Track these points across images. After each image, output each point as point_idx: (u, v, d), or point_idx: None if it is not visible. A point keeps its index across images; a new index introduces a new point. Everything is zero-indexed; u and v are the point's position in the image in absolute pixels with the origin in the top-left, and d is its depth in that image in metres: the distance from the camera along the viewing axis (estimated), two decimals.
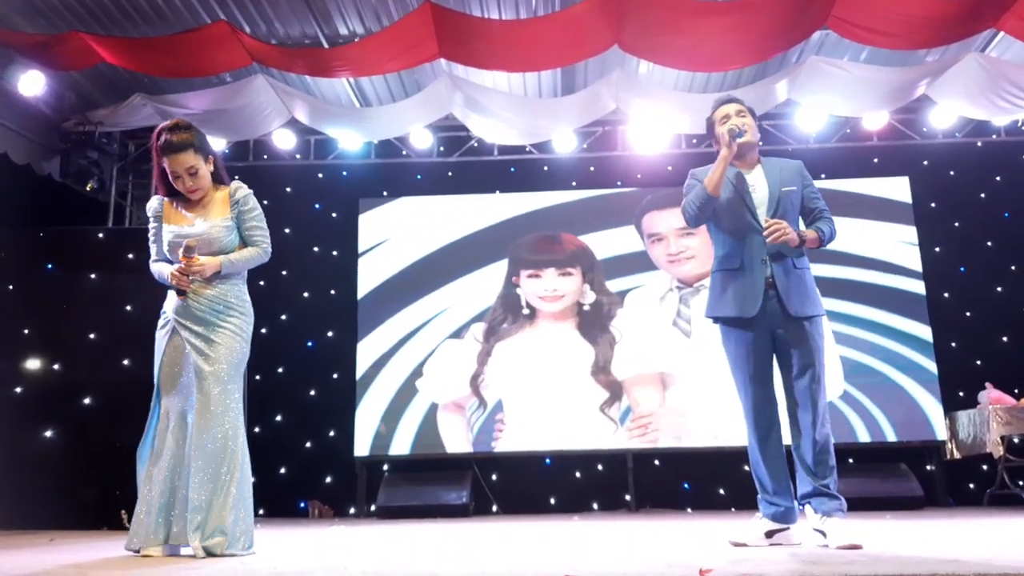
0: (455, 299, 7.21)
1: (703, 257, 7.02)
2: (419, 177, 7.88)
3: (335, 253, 7.68)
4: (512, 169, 7.83)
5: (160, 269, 3.16)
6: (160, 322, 3.17)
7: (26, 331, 5.80)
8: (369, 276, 7.31)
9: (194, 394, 3.02)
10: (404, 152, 7.53)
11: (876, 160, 7.62)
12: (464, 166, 7.71)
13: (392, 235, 7.41)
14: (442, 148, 7.61)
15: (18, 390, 5.67)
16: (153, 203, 3.22)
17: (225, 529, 2.89)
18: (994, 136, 7.36)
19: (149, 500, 2.99)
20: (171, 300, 3.14)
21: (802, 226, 3.18)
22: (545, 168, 7.83)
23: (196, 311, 3.06)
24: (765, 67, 6.60)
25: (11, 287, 5.92)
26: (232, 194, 3.18)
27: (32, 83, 6.11)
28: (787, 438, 3.05)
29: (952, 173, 7.60)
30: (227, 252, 3.13)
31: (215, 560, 2.75)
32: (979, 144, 7.48)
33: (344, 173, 7.91)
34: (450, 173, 7.83)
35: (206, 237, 3.10)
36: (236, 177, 3.37)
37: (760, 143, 3.28)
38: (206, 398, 2.99)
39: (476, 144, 7.44)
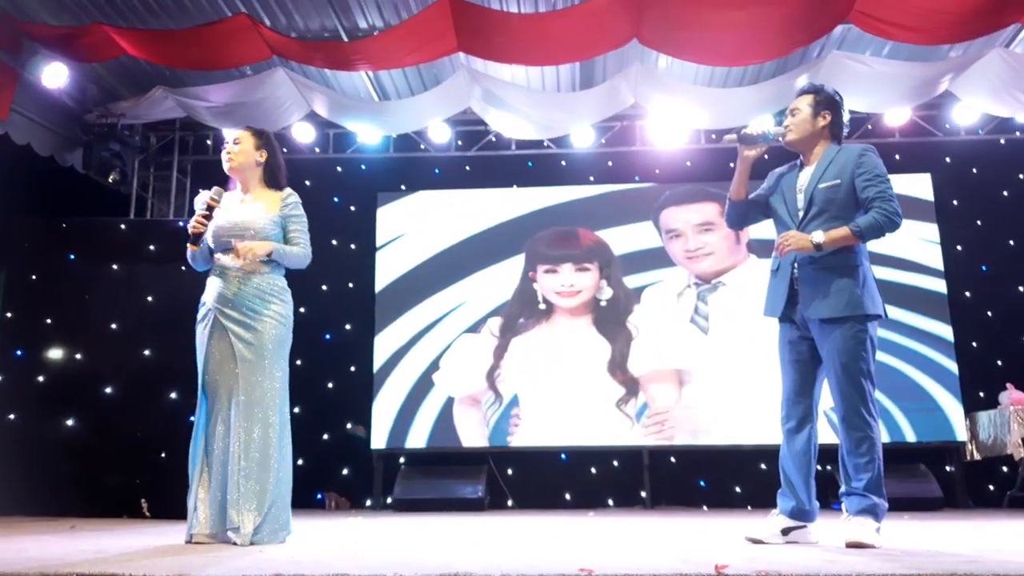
0: (472, 293, 7.22)
1: (721, 254, 6.99)
2: (437, 171, 7.90)
3: (353, 247, 7.70)
4: (530, 163, 7.83)
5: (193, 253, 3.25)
6: (199, 314, 3.21)
7: (48, 320, 5.87)
8: (387, 270, 7.34)
9: (239, 382, 3.04)
10: (422, 146, 7.54)
11: (898, 157, 7.52)
12: (482, 160, 7.71)
13: (410, 229, 7.43)
14: (460, 142, 7.62)
15: (41, 379, 5.74)
16: (201, 196, 3.31)
17: (262, 518, 2.94)
18: (1018, 133, 7.26)
19: (202, 492, 3.03)
20: (211, 290, 3.19)
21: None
22: (563, 163, 7.82)
23: (240, 299, 3.13)
24: (786, 62, 6.54)
25: (34, 277, 5.99)
26: (284, 197, 3.33)
27: (55, 75, 6.17)
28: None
29: (975, 171, 7.51)
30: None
31: (236, 549, 2.78)
32: (1002, 141, 7.37)
33: (362, 167, 7.94)
34: (468, 167, 7.83)
35: (250, 222, 3.19)
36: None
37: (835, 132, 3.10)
38: (249, 386, 3.04)
39: (494, 139, 7.44)
